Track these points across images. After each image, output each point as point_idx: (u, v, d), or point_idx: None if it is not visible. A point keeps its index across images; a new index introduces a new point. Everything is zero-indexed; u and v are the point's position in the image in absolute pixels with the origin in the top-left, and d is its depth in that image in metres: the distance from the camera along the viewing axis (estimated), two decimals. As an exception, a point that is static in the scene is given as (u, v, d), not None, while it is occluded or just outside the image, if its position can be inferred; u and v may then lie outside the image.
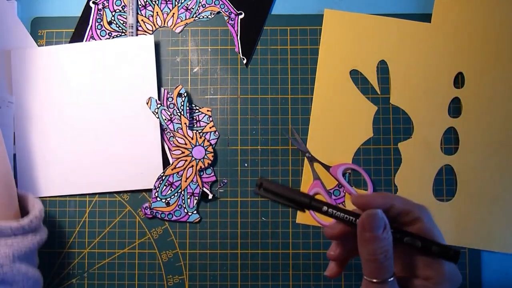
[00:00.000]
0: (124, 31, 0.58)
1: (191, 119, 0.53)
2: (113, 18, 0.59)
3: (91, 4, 0.59)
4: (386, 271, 0.30)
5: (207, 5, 0.59)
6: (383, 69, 0.57)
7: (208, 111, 0.57)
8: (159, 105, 0.39)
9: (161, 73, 0.58)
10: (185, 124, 0.39)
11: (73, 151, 0.56)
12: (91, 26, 0.59)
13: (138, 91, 0.56)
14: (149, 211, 0.55)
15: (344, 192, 0.56)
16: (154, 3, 0.59)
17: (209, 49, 0.59)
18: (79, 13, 0.59)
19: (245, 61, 0.58)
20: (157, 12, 0.59)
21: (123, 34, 0.58)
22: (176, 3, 0.59)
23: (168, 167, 0.38)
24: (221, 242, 0.56)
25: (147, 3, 0.59)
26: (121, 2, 0.59)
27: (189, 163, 0.38)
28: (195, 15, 0.59)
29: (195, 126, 0.57)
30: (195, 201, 0.49)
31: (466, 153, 0.56)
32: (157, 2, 0.59)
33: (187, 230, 0.56)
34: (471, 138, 0.56)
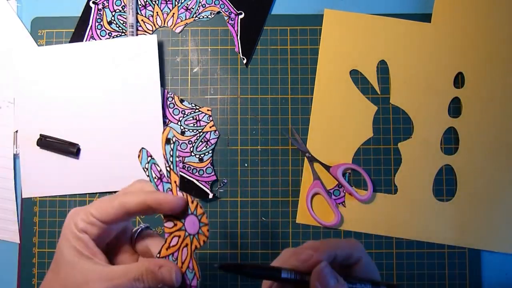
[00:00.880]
0: (124, 31, 0.58)
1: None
2: (113, 18, 0.59)
3: (91, 4, 0.59)
4: None
5: (207, 5, 0.59)
6: (383, 69, 0.57)
7: (208, 110, 0.57)
8: (149, 158, 0.35)
9: (161, 73, 0.58)
10: (175, 182, 0.34)
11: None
12: (91, 26, 0.59)
13: (141, 91, 0.56)
14: None
15: (344, 192, 0.56)
16: (154, 3, 0.59)
17: (209, 49, 0.59)
18: (79, 13, 0.59)
19: (245, 61, 0.58)
20: (157, 12, 0.59)
21: (123, 34, 0.58)
22: (176, 3, 0.59)
23: (163, 246, 0.34)
24: (221, 242, 0.56)
25: (147, 3, 0.59)
26: (121, 2, 0.59)
27: (183, 241, 0.33)
28: (195, 15, 0.59)
29: (195, 125, 0.57)
30: None
31: (466, 153, 0.56)
32: (157, 2, 0.59)
33: (187, 230, 0.56)
34: (471, 138, 0.56)
